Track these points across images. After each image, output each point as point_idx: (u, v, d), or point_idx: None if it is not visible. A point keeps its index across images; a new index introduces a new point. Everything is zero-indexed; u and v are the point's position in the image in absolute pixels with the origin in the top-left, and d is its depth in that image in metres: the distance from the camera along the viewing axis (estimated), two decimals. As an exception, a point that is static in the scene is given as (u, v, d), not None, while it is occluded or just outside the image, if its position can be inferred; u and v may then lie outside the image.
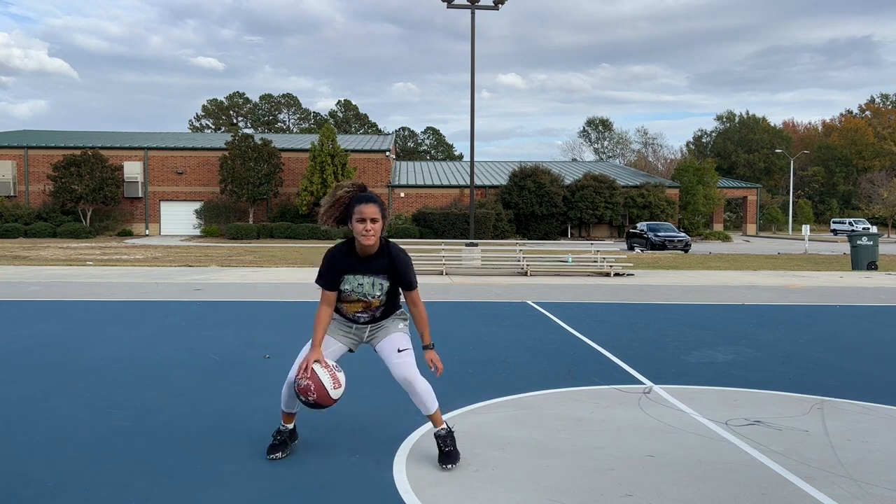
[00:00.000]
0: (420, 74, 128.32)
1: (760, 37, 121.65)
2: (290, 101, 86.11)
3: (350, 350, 4.02)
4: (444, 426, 3.91)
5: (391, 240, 3.96)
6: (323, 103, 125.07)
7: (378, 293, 3.84)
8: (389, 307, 3.96)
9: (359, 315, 3.92)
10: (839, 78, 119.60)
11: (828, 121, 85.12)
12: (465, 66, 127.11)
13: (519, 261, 17.47)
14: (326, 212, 3.80)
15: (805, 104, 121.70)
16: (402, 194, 43.45)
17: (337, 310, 3.95)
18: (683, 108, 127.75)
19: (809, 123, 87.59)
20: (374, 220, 3.67)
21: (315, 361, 3.75)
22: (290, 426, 4.08)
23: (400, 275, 3.84)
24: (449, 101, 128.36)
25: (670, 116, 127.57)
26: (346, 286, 3.84)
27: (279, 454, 3.97)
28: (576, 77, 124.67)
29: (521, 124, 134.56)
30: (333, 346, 3.93)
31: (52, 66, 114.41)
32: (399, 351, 3.84)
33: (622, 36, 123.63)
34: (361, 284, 3.81)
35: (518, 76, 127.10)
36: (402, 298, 4.03)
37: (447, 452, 3.86)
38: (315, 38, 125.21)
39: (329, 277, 3.82)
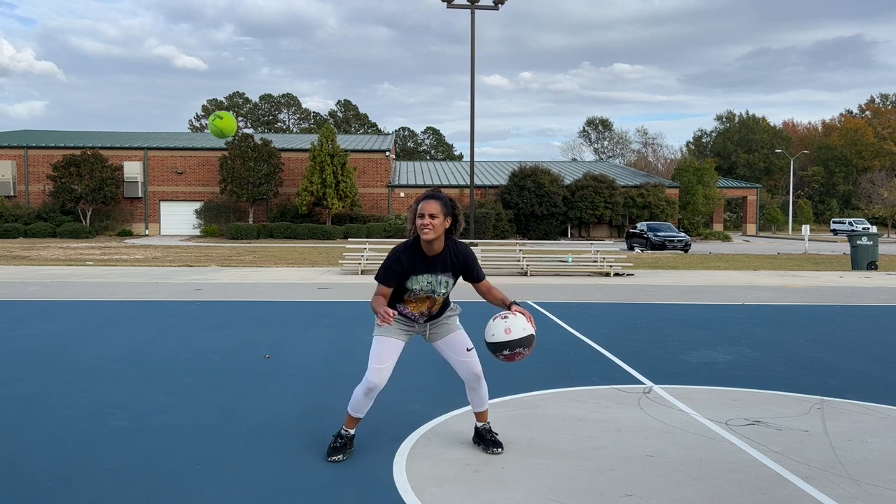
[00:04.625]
0: (413, 76, 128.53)
1: (748, 39, 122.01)
2: (290, 101, 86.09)
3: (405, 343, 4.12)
4: (489, 422, 4.23)
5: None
6: (322, 104, 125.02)
7: (444, 290, 3.94)
8: (445, 302, 4.09)
9: (422, 315, 4.01)
10: (830, 79, 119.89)
11: (827, 121, 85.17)
12: (457, 69, 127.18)
13: (519, 261, 17.47)
14: (409, 220, 3.88)
15: (797, 105, 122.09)
16: (402, 194, 43.45)
17: (398, 310, 4.02)
18: (677, 108, 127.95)
19: (809, 123, 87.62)
20: (432, 216, 3.71)
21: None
22: (353, 431, 4.06)
23: (466, 270, 3.94)
24: (444, 102, 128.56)
25: (664, 117, 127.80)
26: (415, 286, 3.88)
27: (341, 456, 3.95)
28: (567, 78, 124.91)
29: (517, 125, 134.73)
30: (397, 346, 3.98)
31: (49, 68, 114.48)
32: (468, 350, 4.06)
33: (612, 38, 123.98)
34: (430, 283, 3.88)
35: (513, 78, 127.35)
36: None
37: (494, 440, 4.14)
38: (308, 40, 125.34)
39: (391, 275, 3.83)
